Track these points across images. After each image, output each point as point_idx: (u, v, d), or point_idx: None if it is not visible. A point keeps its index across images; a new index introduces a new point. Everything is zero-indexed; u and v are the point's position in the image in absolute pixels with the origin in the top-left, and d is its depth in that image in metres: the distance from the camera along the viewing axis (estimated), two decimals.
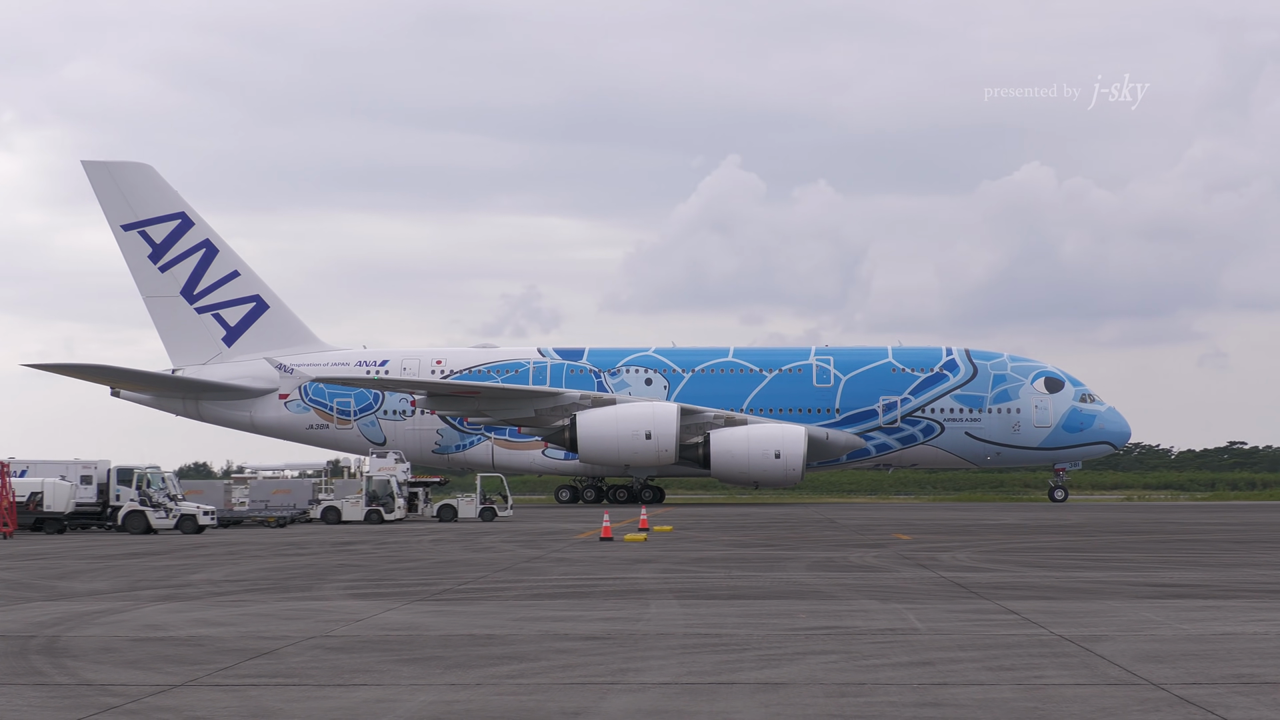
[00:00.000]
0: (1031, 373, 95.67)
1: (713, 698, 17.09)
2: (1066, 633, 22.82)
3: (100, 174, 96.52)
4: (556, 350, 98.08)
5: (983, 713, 16.02)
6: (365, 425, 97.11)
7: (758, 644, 21.73)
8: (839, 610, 26.60)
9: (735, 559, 41.13)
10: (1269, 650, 20.78)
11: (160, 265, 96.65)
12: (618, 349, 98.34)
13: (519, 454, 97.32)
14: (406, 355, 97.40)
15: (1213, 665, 19.30)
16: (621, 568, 37.70)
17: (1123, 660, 19.75)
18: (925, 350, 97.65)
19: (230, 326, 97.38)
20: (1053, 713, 15.98)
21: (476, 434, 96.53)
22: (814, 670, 19.14)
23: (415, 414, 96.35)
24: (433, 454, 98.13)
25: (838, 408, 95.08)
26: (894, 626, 23.91)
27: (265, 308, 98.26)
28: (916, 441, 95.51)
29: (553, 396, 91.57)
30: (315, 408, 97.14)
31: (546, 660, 20.20)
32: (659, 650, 21.10)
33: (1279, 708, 16.11)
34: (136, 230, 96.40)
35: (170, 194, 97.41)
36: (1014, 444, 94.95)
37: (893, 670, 19.10)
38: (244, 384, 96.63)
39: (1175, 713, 15.95)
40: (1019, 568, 37.49)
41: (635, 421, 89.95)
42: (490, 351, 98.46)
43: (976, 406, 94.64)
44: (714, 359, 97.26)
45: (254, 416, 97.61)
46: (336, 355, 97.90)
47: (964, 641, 21.89)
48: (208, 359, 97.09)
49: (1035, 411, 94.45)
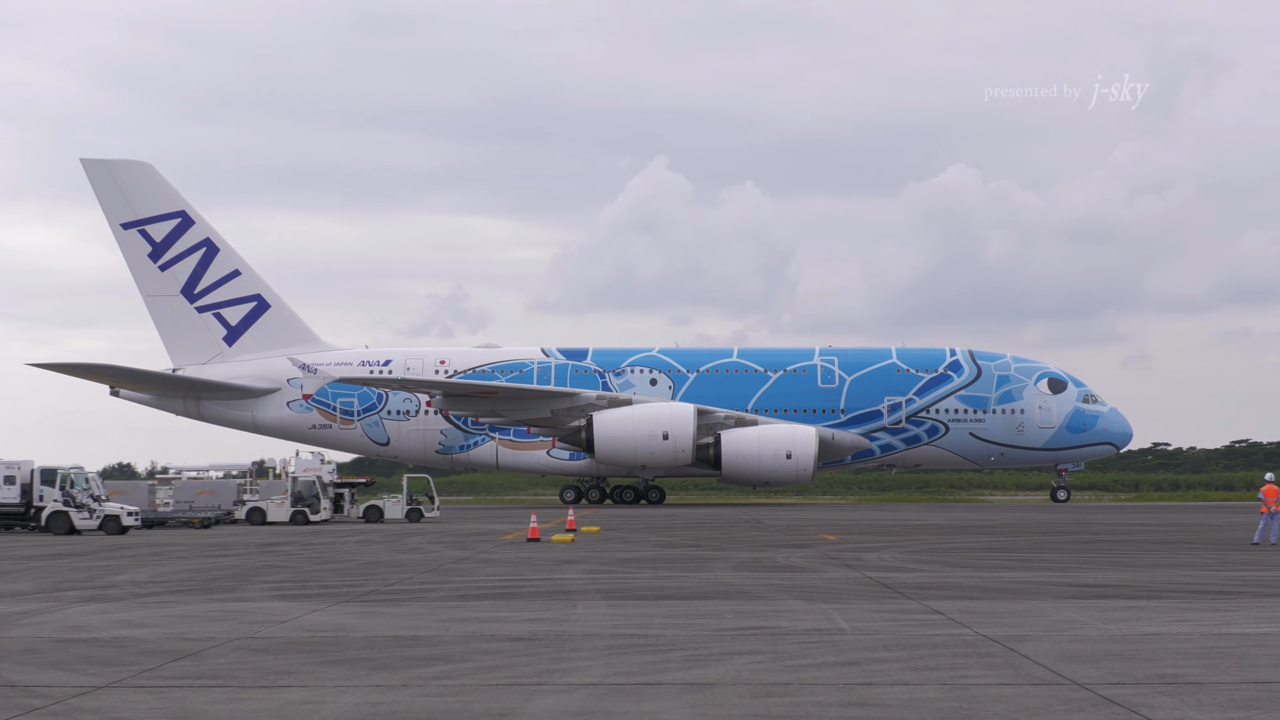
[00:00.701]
0: (1035, 373, 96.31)
1: (639, 698, 17.09)
2: (991, 633, 22.93)
3: (99, 172, 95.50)
4: (560, 350, 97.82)
5: (908, 712, 16.07)
6: (369, 425, 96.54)
7: (684, 644, 21.75)
8: (765, 611, 26.64)
9: (662, 560, 41.14)
10: (1192, 650, 20.93)
11: (160, 264, 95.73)
12: (621, 349, 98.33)
13: (524, 454, 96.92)
14: (410, 355, 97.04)
15: (1136, 665, 19.43)
16: (548, 569, 37.66)
17: (1047, 660, 19.86)
18: (929, 351, 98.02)
19: (231, 326, 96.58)
20: (977, 712, 16.05)
21: (481, 434, 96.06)
22: (740, 670, 19.15)
23: (419, 414, 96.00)
24: (436, 454, 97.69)
25: (842, 408, 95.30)
26: (820, 627, 23.97)
27: (267, 307, 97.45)
28: (921, 442, 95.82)
29: (569, 397, 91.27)
30: (319, 408, 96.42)
31: (473, 661, 20.15)
32: (586, 651, 21.08)
33: (1202, 708, 16.22)
34: (136, 229, 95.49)
35: (170, 192, 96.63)
36: (1018, 444, 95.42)
37: (818, 670, 19.15)
38: (246, 384, 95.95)
39: (1099, 712, 16.04)
40: (944, 568, 37.65)
41: (652, 422, 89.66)
42: (493, 351, 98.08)
43: (981, 407, 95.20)
44: (718, 359, 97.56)
45: (256, 417, 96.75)
46: (339, 355, 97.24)
47: (889, 642, 21.97)
48: (208, 358, 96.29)
49: (1039, 412, 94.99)
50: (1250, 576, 35.01)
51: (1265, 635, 22.71)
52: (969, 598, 29.25)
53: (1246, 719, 15.52)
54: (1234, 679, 18.26)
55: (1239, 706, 16.25)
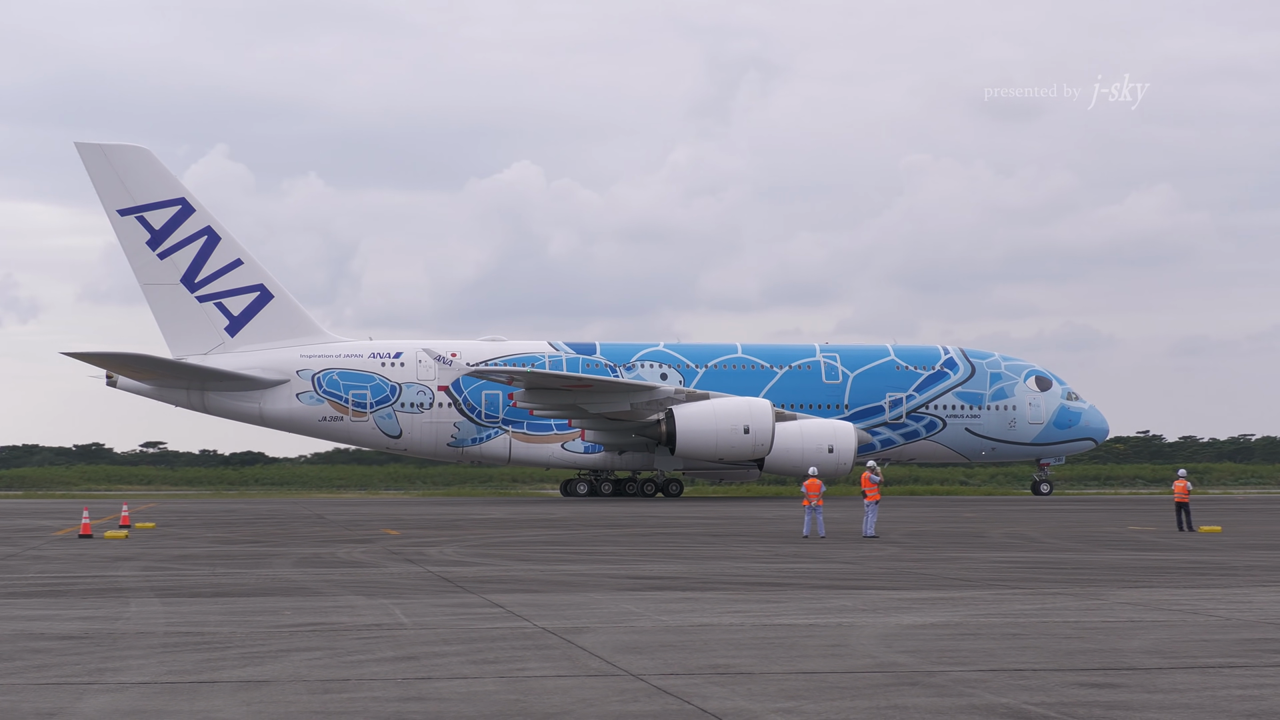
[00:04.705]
0: (1023, 371, 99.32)
1: (193, 697, 16.73)
2: (550, 625, 23.16)
3: (95, 156, 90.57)
4: (568, 344, 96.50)
5: (466, 706, 16.10)
6: (381, 418, 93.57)
7: (241, 642, 21.40)
8: (325, 607, 26.42)
9: (220, 556, 40.48)
10: (744, 641, 21.47)
11: (159, 252, 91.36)
12: (629, 344, 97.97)
13: (538, 447, 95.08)
14: (419, 348, 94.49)
15: (690, 656, 19.83)
16: (101, 565, 36.68)
17: (603, 652, 20.14)
18: (924, 349, 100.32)
19: (234, 316, 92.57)
20: (534, 704, 16.16)
21: (494, 427, 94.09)
22: (298, 667, 18.93)
23: (433, 407, 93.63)
24: (448, 447, 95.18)
25: (847, 403, 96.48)
26: (380, 622, 23.87)
27: (270, 297, 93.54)
28: (919, 437, 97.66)
29: (649, 390, 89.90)
30: (329, 399, 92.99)
31: (21, 660, 19.46)
32: (139, 649, 20.58)
33: (753, 697, 16.63)
34: (134, 215, 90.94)
35: (169, 179, 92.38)
36: (1009, 440, 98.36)
37: (377, 665, 19.05)
38: (255, 374, 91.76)
39: (653, 702, 16.31)
40: (506, 561, 37.92)
41: (734, 417, 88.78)
42: (501, 344, 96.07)
43: (976, 404, 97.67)
44: (724, 355, 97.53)
45: (263, 408, 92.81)
46: (346, 347, 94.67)
47: (449, 636, 22.00)
48: (210, 349, 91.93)
49: (1029, 409, 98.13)
50: (800, 569, 36.13)
51: (814, 626, 23.43)
52: (529, 591, 29.51)
53: (795, 708, 15.96)
54: (784, 669, 18.77)
55: (788, 696, 16.70)
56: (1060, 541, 47.55)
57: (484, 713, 15.72)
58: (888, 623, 23.77)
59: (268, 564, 37.29)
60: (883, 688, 17.27)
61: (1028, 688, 17.20)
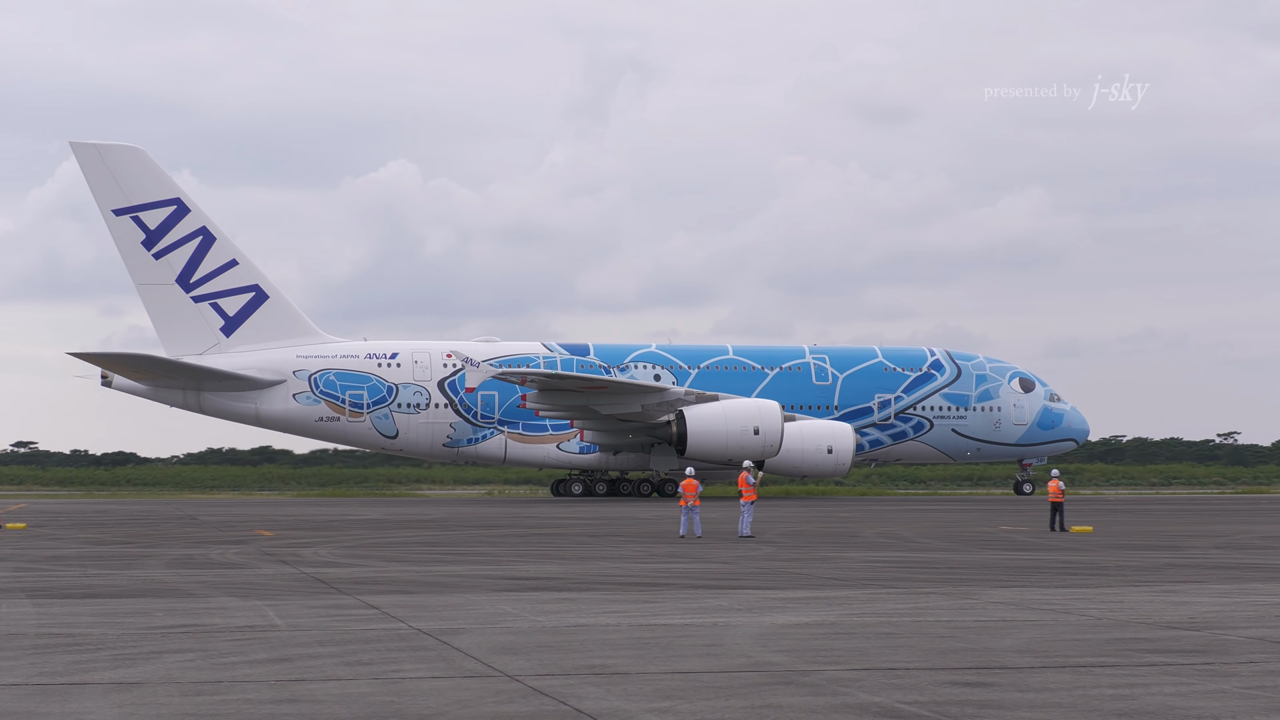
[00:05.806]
0: (1007, 373, 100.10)
1: (64, 699, 16.54)
2: (425, 626, 23.10)
3: (89, 156, 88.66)
4: (562, 345, 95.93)
5: (340, 708, 16.01)
6: (378, 418, 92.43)
7: (113, 643, 21.18)
8: (197, 608, 26.20)
9: (91, 557, 40.04)
10: (620, 641, 21.51)
11: (154, 252, 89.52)
12: (622, 345, 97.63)
13: (533, 448, 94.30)
14: (416, 349, 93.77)
15: (566, 656, 19.84)
16: None
17: (479, 653, 20.11)
18: (910, 350, 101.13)
19: (229, 316, 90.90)
20: (409, 706, 16.11)
21: (489, 428, 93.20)
22: (170, 669, 18.76)
23: (429, 407, 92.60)
24: (444, 448, 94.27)
25: (837, 404, 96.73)
26: (253, 623, 23.70)
27: (265, 298, 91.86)
28: (907, 438, 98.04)
29: (660, 392, 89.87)
30: (326, 400, 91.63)
31: None
32: (9, 651, 20.32)
33: (629, 697, 16.66)
34: (129, 215, 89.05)
35: (164, 179, 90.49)
36: (994, 440, 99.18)
37: (250, 667, 18.91)
38: (251, 374, 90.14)
39: (529, 703, 16.30)
40: (381, 562, 37.77)
41: (745, 418, 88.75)
42: (495, 345, 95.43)
43: (963, 405, 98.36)
44: (715, 356, 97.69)
45: (260, 409, 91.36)
46: (342, 347, 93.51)
47: (323, 637, 21.89)
48: (205, 349, 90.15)
49: (1014, 410, 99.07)
50: (676, 569, 36.24)
51: (690, 626, 23.52)
52: (404, 592, 29.42)
53: (671, 707, 16.00)
54: (660, 669, 18.82)
55: (664, 696, 16.75)
56: (934, 541, 48.01)
57: (358, 715, 15.64)
58: (763, 622, 23.90)
59: (140, 565, 36.93)
60: (758, 687, 17.36)
61: (901, 686, 17.35)
